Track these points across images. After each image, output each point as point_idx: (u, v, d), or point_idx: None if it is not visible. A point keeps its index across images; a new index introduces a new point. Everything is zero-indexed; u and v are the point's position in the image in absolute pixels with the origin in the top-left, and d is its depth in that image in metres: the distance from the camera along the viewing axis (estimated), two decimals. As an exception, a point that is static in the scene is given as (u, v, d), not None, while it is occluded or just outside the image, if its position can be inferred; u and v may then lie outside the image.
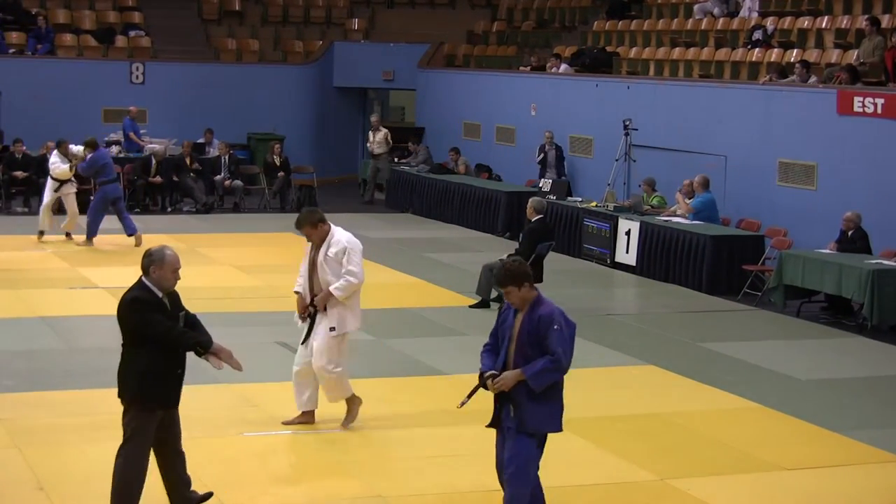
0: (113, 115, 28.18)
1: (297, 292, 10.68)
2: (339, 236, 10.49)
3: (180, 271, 8.15)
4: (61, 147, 20.58)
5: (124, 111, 27.56)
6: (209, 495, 8.58)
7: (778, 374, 13.45)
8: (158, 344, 7.96)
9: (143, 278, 8.06)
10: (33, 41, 28.94)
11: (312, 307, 10.54)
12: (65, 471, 9.44)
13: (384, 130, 28.00)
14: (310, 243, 10.59)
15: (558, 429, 8.05)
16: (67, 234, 20.69)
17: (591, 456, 10.33)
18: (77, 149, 20.72)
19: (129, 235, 20.23)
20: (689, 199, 19.72)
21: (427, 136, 29.52)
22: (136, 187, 24.98)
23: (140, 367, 7.97)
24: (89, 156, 20.36)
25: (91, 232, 20.32)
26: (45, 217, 20.52)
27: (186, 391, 10.26)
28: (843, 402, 12.52)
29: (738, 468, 10.15)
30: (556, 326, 7.80)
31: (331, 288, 10.39)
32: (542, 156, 24.24)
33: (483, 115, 27.94)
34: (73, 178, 20.62)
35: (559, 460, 10.11)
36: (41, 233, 20.52)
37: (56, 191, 20.51)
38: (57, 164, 20.45)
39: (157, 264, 8.03)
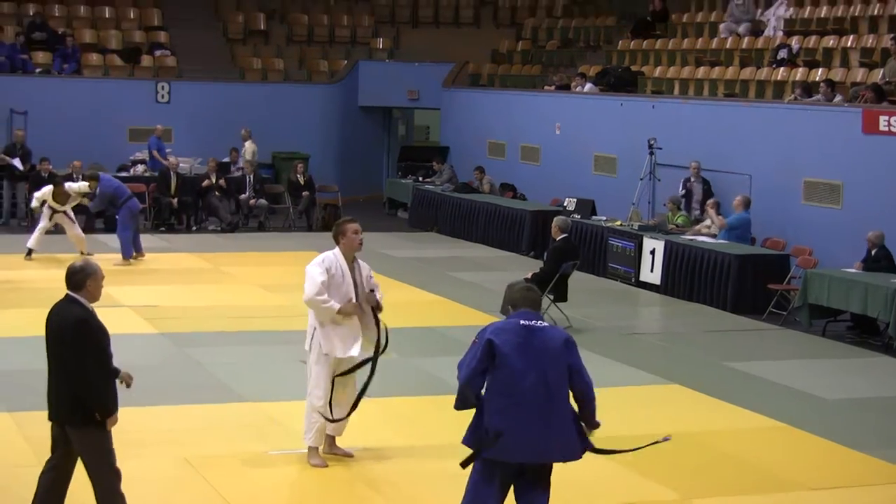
0: (138, 134, 28.32)
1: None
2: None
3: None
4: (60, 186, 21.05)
5: (150, 130, 27.71)
6: None
7: (803, 393, 13.40)
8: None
9: (75, 293, 7.88)
10: (59, 60, 29.11)
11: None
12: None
13: (253, 145, 27.52)
14: (336, 262, 10.23)
15: (465, 443, 8.04)
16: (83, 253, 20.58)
17: (614, 475, 10.29)
18: (78, 186, 21.01)
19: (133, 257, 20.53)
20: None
21: (451, 155, 29.56)
22: (161, 206, 25.09)
23: (104, 378, 7.85)
24: (98, 189, 20.62)
25: (126, 251, 20.42)
26: (40, 237, 20.68)
27: (212, 410, 10.24)
28: (869, 421, 12.47)
29: (763, 488, 10.11)
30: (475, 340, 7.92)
31: (378, 297, 10.22)
32: (684, 191, 21.40)
33: (508, 134, 27.96)
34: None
35: (583, 479, 10.10)
36: (30, 251, 20.63)
37: (50, 218, 20.80)
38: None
39: (93, 277, 7.90)
